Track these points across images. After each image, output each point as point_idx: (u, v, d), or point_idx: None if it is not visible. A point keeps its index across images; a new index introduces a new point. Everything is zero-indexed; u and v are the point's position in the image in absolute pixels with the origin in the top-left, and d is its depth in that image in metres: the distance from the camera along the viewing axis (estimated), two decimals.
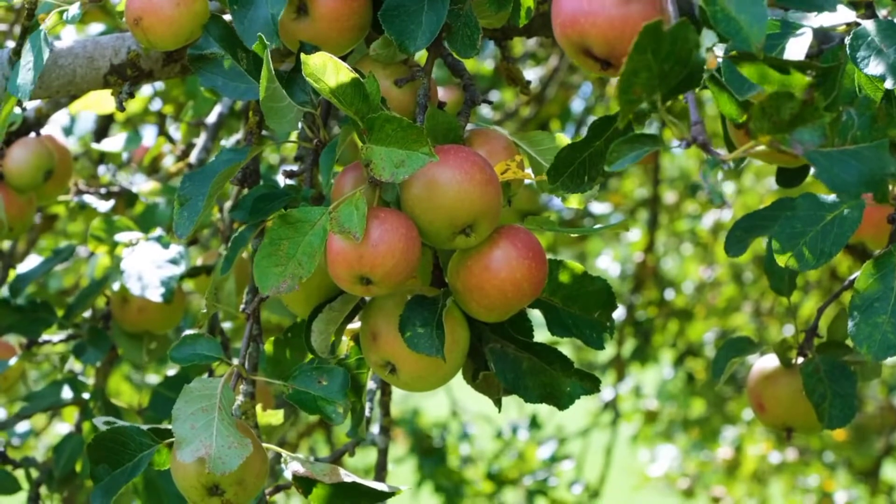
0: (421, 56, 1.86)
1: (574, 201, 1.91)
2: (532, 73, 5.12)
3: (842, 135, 1.49)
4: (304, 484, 1.76)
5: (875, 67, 1.59)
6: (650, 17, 1.54)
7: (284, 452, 1.78)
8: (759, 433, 7.35)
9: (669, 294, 6.83)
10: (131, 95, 2.05)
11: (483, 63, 4.95)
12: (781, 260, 1.60)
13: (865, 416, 6.81)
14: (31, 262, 2.75)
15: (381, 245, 1.62)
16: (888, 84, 1.58)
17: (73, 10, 1.86)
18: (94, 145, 3.06)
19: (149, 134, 3.79)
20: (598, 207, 6.18)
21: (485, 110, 4.78)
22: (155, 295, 2.43)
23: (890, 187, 1.86)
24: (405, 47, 1.77)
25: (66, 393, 2.61)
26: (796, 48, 1.62)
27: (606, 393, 6.53)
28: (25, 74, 1.87)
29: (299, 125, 1.85)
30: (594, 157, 1.64)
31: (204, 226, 2.77)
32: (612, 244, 7.07)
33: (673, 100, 1.46)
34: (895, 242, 1.70)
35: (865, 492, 7.02)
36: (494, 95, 5.22)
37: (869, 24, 1.63)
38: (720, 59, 1.56)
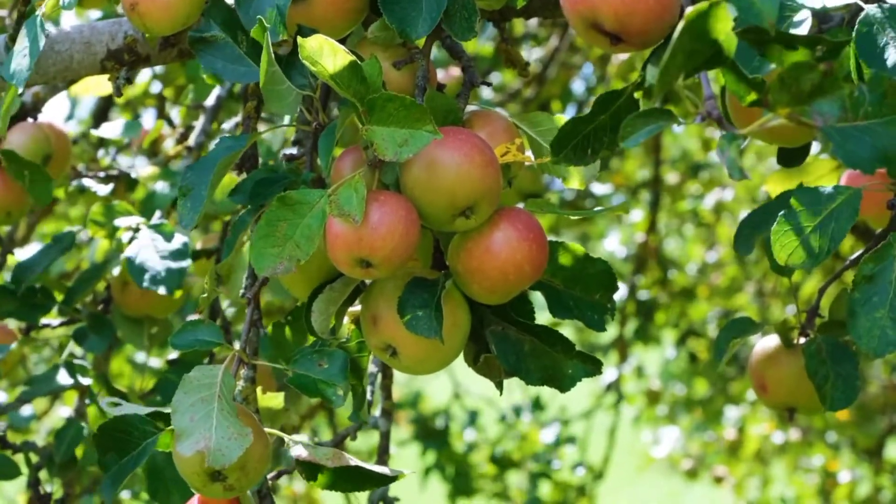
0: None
1: (575, 182, 1.90)
2: (533, 54, 5.11)
3: (854, 110, 1.47)
4: (308, 468, 1.76)
5: (881, 64, 1.56)
6: None
7: (287, 437, 1.78)
8: (763, 413, 7.36)
9: (672, 274, 6.83)
10: (129, 81, 2.04)
11: (483, 44, 4.93)
12: (781, 258, 1.59)
13: (869, 395, 6.81)
14: (32, 249, 2.74)
15: (380, 227, 1.61)
16: None
17: None
18: (94, 131, 3.04)
19: (148, 116, 3.79)
20: (599, 188, 6.17)
21: (485, 91, 4.77)
22: (161, 287, 2.44)
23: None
24: (406, 34, 1.76)
25: (67, 378, 2.60)
26: (797, 30, 1.60)
27: (609, 374, 6.54)
28: (21, 61, 1.86)
29: (298, 108, 1.84)
30: (598, 130, 1.63)
31: (213, 216, 2.77)
32: (616, 225, 7.06)
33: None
34: (894, 230, 1.68)
35: (869, 471, 7.02)
36: (495, 77, 5.21)
37: (873, 9, 1.60)
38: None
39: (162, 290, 2.43)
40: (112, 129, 2.98)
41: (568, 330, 6.19)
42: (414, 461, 6.63)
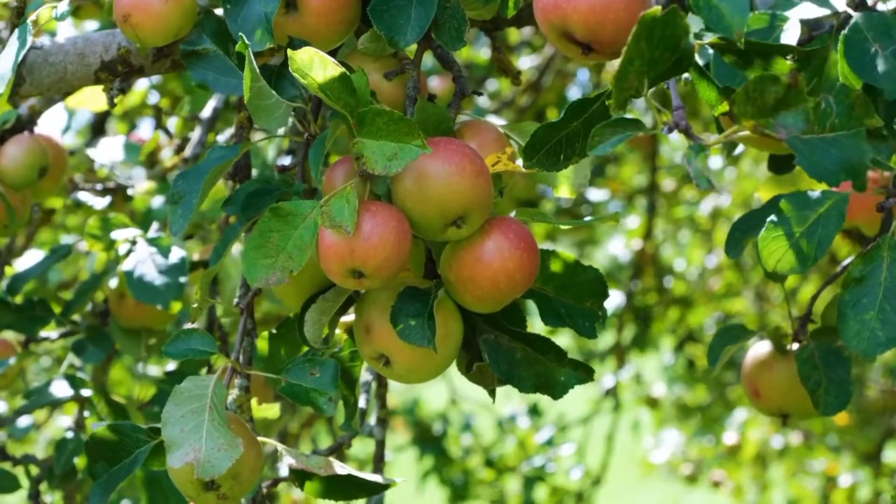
0: (410, 48, 1.86)
1: (565, 190, 1.91)
2: (528, 62, 5.12)
3: (821, 122, 1.49)
4: (300, 477, 1.77)
5: (870, 74, 1.57)
6: (632, 2, 1.55)
7: (280, 446, 1.79)
8: (763, 417, 7.35)
9: (669, 281, 6.83)
10: (122, 91, 2.05)
11: (478, 52, 4.94)
12: (769, 265, 1.59)
13: (868, 399, 6.82)
14: (30, 258, 2.75)
15: (372, 238, 1.62)
16: (886, 95, 1.55)
17: (62, 6, 1.86)
18: (91, 152, 3.03)
19: (145, 126, 3.80)
20: (595, 195, 6.18)
21: (481, 99, 4.77)
22: (159, 302, 2.45)
23: (879, 174, 1.85)
24: (395, 43, 1.77)
25: (66, 389, 2.61)
26: (787, 40, 1.61)
27: (608, 380, 6.54)
28: (4, 65, 1.87)
29: (290, 120, 1.85)
30: (571, 137, 1.64)
31: (209, 221, 2.77)
32: (615, 231, 7.05)
33: (659, 86, 1.46)
34: (884, 234, 1.69)
35: (869, 474, 7.02)
36: (491, 84, 5.21)
37: (861, 19, 1.61)
38: (705, 46, 1.57)
39: (160, 305, 2.45)
40: (109, 149, 2.98)
41: (564, 337, 6.19)
42: (411, 466, 6.63)
